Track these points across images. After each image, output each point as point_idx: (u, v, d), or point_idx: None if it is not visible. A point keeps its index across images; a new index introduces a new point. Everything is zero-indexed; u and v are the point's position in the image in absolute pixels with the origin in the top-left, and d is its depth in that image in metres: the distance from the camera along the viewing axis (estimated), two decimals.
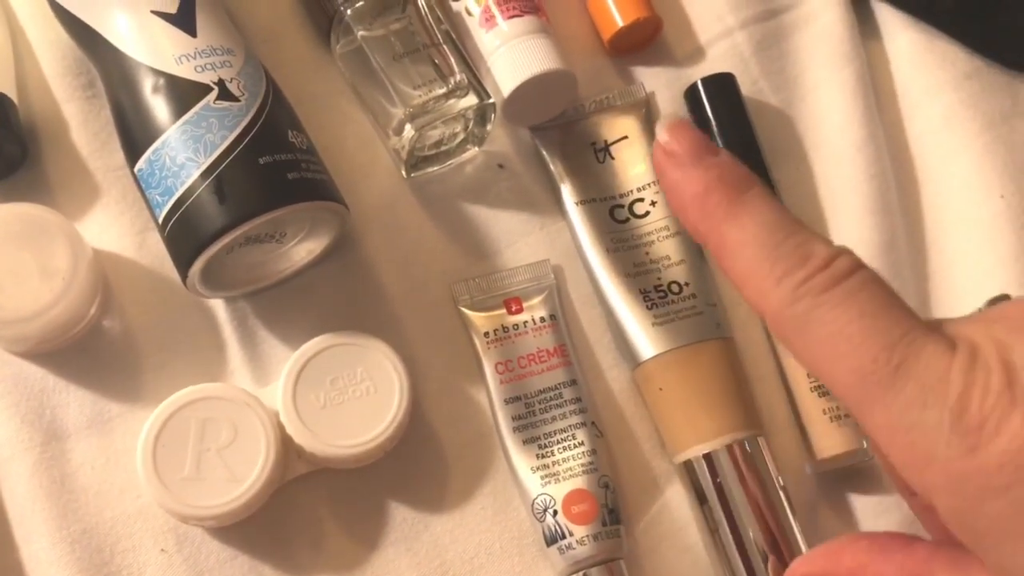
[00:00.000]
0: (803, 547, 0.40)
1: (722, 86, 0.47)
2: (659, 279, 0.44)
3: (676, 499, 0.42)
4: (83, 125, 0.44)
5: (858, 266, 0.27)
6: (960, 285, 0.46)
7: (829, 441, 0.42)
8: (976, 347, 0.26)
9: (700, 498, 0.41)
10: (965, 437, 0.25)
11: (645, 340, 0.43)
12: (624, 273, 0.44)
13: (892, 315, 0.26)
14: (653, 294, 0.43)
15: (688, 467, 0.41)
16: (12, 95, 0.43)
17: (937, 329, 0.27)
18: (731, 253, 0.28)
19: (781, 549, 0.40)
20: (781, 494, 0.41)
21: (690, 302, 0.43)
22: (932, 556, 0.28)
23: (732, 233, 0.28)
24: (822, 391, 0.42)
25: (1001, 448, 0.24)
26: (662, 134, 0.30)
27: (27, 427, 0.40)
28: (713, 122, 0.46)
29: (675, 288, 0.43)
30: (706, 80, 0.47)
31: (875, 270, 0.28)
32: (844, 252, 0.28)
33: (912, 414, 0.25)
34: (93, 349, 0.42)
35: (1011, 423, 0.24)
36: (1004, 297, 0.37)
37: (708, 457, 0.41)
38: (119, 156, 0.42)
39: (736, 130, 0.46)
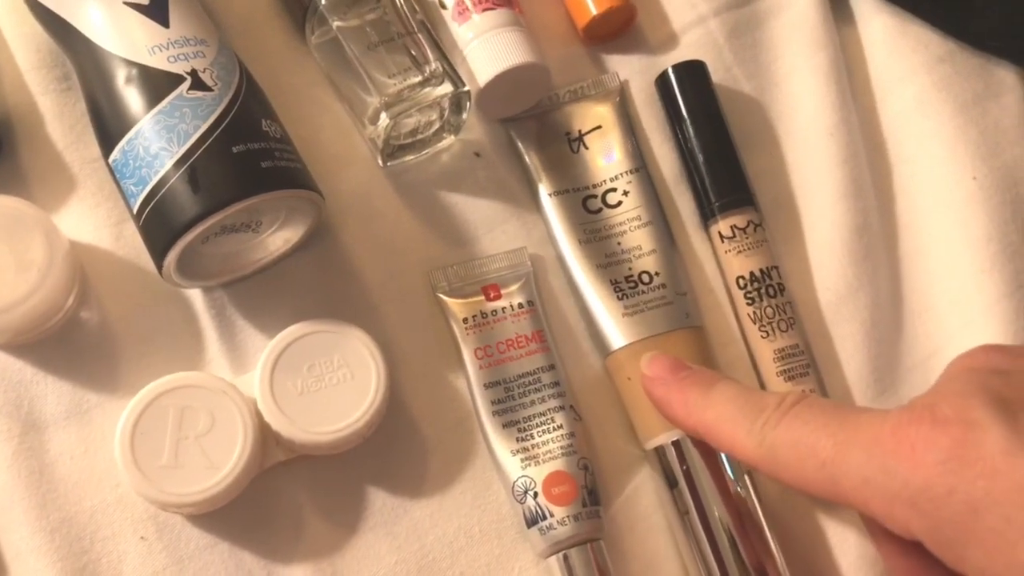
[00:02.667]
0: (767, 531, 0.41)
1: (692, 73, 0.47)
2: (630, 269, 0.44)
3: (651, 480, 0.43)
4: (58, 118, 0.44)
5: (801, 397, 0.35)
6: (933, 267, 0.46)
7: None
8: (913, 403, 0.32)
9: (670, 483, 0.41)
10: (904, 464, 0.30)
11: (616, 330, 0.43)
12: (596, 264, 0.44)
13: (833, 412, 0.34)
14: (624, 285, 0.44)
15: (659, 453, 0.42)
16: None
17: (876, 409, 0.33)
18: (713, 427, 0.37)
19: (747, 532, 0.40)
20: (747, 479, 0.41)
21: (660, 292, 0.44)
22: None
23: (709, 414, 0.37)
24: (788, 375, 0.43)
25: (934, 459, 0.30)
26: (644, 368, 0.40)
27: (5, 418, 0.41)
28: (683, 109, 0.46)
29: (645, 278, 0.44)
30: (676, 67, 0.47)
31: (820, 396, 0.37)
32: (791, 392, 0.36)
33: (864, 471, 0.31)
34: (70, 340, 0.42)
35: (937, 442, 0.30)
36: None
37: (677, 444, 0.41)
38: (95, 148, 0.42)
39: (706, 117, 0.46)
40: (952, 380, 0.32)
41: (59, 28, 0.41)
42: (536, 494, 0.41)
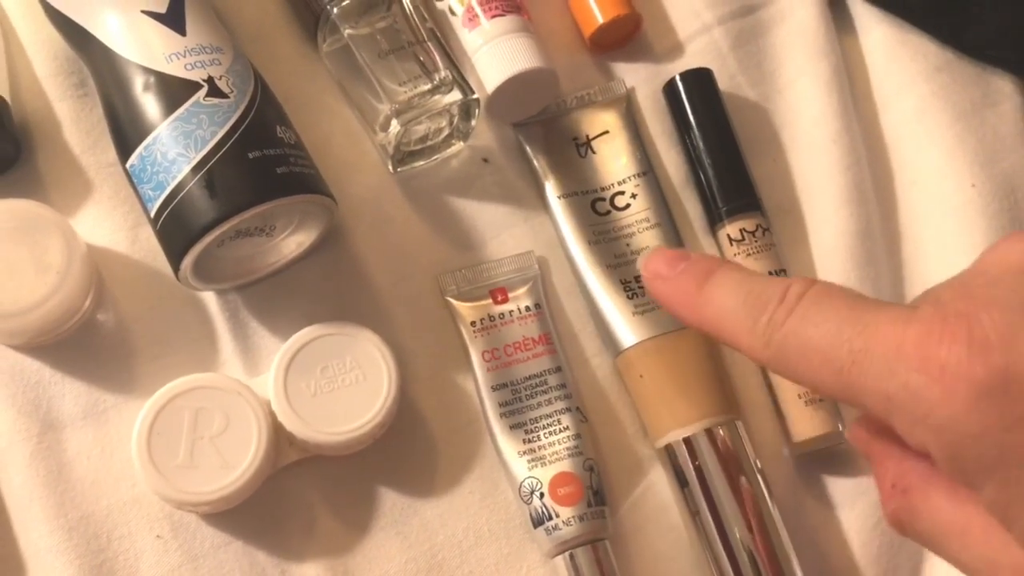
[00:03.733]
0: (781, 529, 0.41)
1: (700, 81, 0.48)
2: (639, 269, 0.45)
3: (659, 482, 0.44)
4: (75, 123, 0.45)
5: (807, 287, 0.31)
6: (933, 271, 0.47)
7: (805, 424, 0.43)
8: (938, 300, 0.28)
9: (681, 481, 0.42)
10: (933, 388, 0.27)
11: (626, 329, 0.44)
12: (605, 264, 0.45)
13: (846, 313, 0.29)
14: (633, 284, 0.44)
15: (669, 451, 0.42)
16: (5, 95, 0.44)
17: (894, 303, 0.29)
18: (715, 325, 0.33)
19: (759, 531, 0.41)
20: (759, 476, 0.42)
21: None
22: (931, 477, 0.30)
23: (708, 310, 0.34)
24: None
25: (967, 390, 0.26)
26: (641, 266, 0.37)
27: (24, 418, 0.41)
28: (691, 116, 0.47)
29: None
30: (684, 75, 0.48)
31: (829, 282, 0.31)
32: (795, 282, 0.31)
33: (884, 385, 0.28)
34: (87, 342, 0.43)
35: (974, 372, 0.26)
36: None
37: (688, 441, 0.42)
38: (111, 153, 0.42)
39: (713, 123, 0.47)
40: (993, 284, 0.28)
41: (77, 35, 0.42)
42: (542, 495, 0.41)
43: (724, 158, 0.47)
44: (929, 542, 0.31)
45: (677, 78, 0.48)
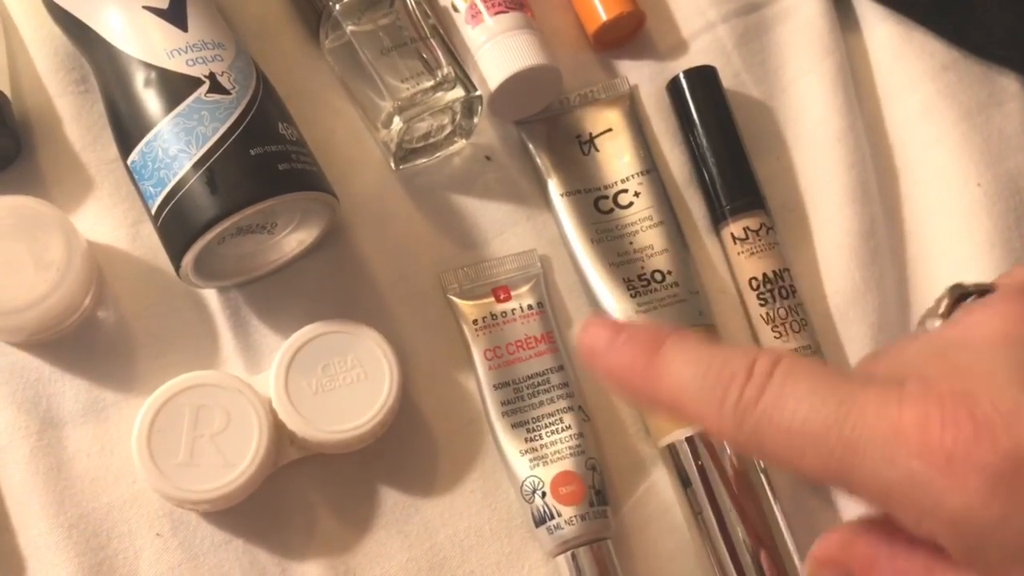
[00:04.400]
0: (784, 529, 0.41)
1: (704, 78, 0.48)
2: (642, 268, 0.45)
3: (662, 481, 0.43)
4: (76, 119, 0.45)
5: (775, 360, 0.27)
6: (938, 271, 0.47)
7: None
8: (926, 379, 0.26)
9: (684, 481, 0.42)
10: (941, 479, 0.24)
11: None
12: (608, 263, 0.45)
13: (827, 391, 0.26)
14: (637, 283, 0.44)
15: (671, 450, 0.42)
16: (6, 90, 0.44)
17: (875, 377, 0.27)
18: (673, 402, 0.29)
19: (762, 531, 0.41)
20: (762, 476, 0.42)
21: (673, 290, 0.44)
22: (932, 565, 0.27)
23: (664, 385, 0.29)
24: None
25: (978, 481, 0.24)
26: (577, 340, 0.32)
27: (24, 415, 0.41)
28: (695, 114, 0.47)
29: (658, 276, 0.44)
30: (688, 73, 0.47)
31: (796, 355, 0.28)
32: (760, 354, 0.28)
33: (884, 475, 0.25)
34: (88, 339, 0.43)
35: (984, 459, 0.24)
36: (959, 289, 0.30)
37: (691, 440, 0.42)
38: (112, 150, 0.42)
39: (717, 121, 0.47)
40: (983, 358, 0.26)
41: (78, 31, 0.42)
42: (544, 494, 0.41)
43: (728, 156, 0.47)
44: None
45: (681, 76, 0.47)
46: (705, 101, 0.47)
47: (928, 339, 0.28)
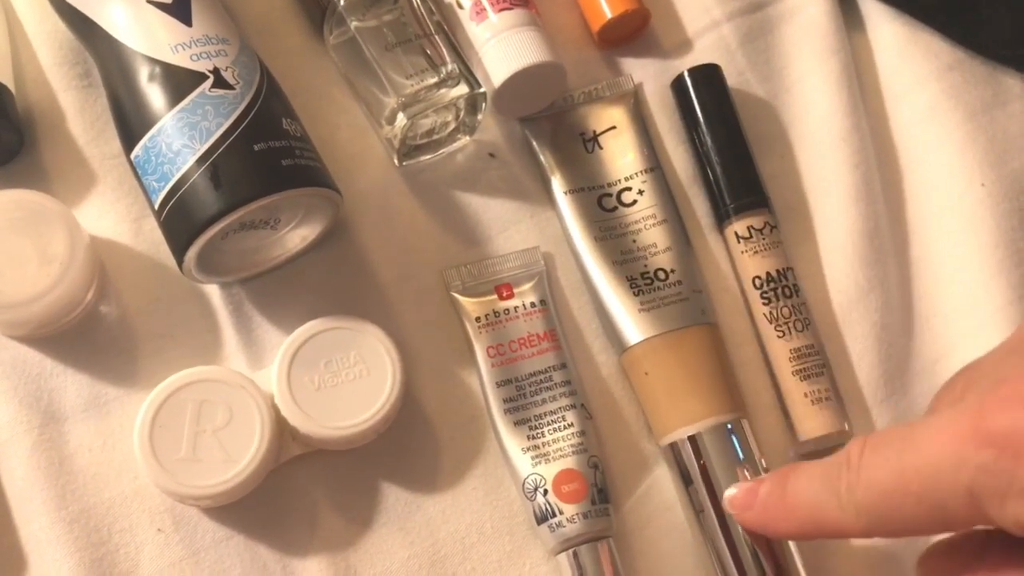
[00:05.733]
0: None
1: (708, 77, 0.47)
2: (646, 266, 0.44)
3: (663, 479, 0.43)
4: (79, 114, 0.45)
5: (864, 442, 0.32)
6: (942, 272, 0.47)
7: (811, 423, 0.43)
8: (978, 385, 0.31)
9: (685, 480, 0.42)
10: (1006, 458, 0.27)
11: (632, 326, 0.43)
12: (611, 261, 0.45)
13: (901, 443, 0.31)
14: (640, 281, 0.44)
15: (674, 449, 0.42)
16: (9, 84, 0.44)
17: (945, 410, 0.31)
18: (812, 521, 0.34)
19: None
20: (763, 475, 0.42)
21: (676, 288, 0.44)
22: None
23: (801, 511, 0.34)
24: (804, 375, 0.43)
25: None
26: (727, 507, 0.39)
27: (25, 409, 0.41)
28: (699, 112, 0.47)
29: (661, 275, 0.44)
30: (692, 71, 0.47)
31: (883, 430, 0.34)
32: (853, 443, 0.33)
33: (961, 481, 0.28)
34: (90, 334, 0.43)
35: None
36: None
37: (693, 439, 0.42)
38: (115, 144, 0.42)
39: (721, 120, 0.47)
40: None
41: (82, 25, 0.42)
42: (546, 491, 0.41)
43: (732, 155, 0.46)
44: None
45: (685, 74, 0.47)
46: (709, 100, 0.47)
47: (1004, 343, 0.33)
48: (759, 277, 0.45)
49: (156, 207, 0.40)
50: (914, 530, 0.31)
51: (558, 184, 0.46)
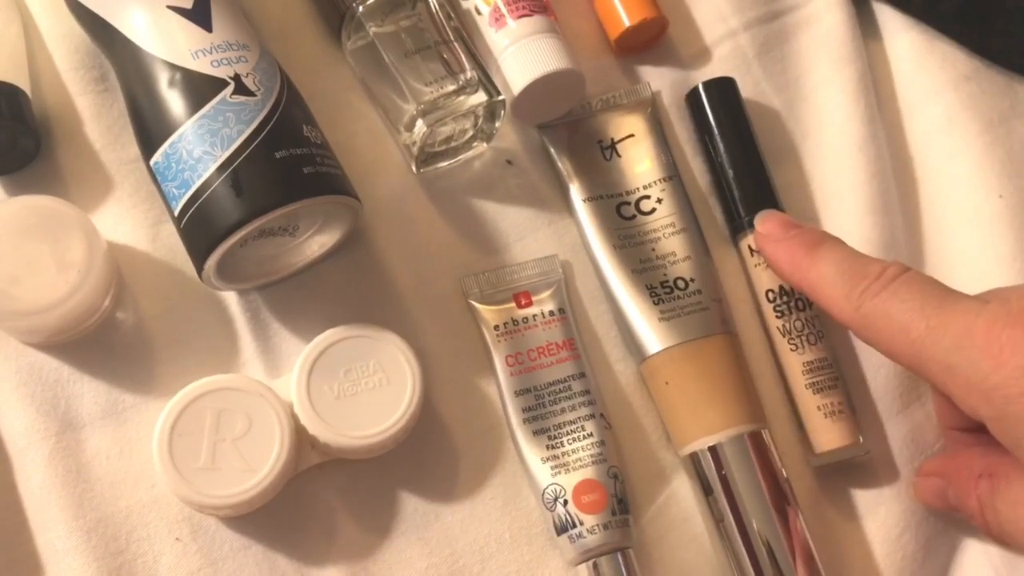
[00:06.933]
0: (808, 539, 0.41)
1: (722, 89, 0.47)
2: (665, 275, 0.44)
3: (682, 490, 0.43)
4: (96, 118, 0.45)
5: (904, 270, 0.37)
6: (958, 283, 0.46)
7: (825, 436, 0.43)
8: (1006, 299, 0.35)
9: (705, 490, 0.42)
10: (989, 361, 0.34)
11: (651, 335, 0.43)
12: (631, 269, 0.44)
13: (930, 297, 0.36)
14: (659, 290, 0.44)
15: (694, 459, 0.42)
16: (26, 89, 0.43)
17: (972, 297, 0.36)
18: (814, 288, 0.39)
19: (785, 541, 0.41)
20: (785, 486, 0.42)
21: (696, 298, 0.44)
22: (1014, 467, 0.36)
23: (812, 274, 0.39)
24: (816, 388, 0.43)
25: (1017, 363, 0.33)
26: (758, 224, 0.43)
27: (43, 417, 0.41)
28: (714, 125, 0.47)
29: (681, 284, 0.44)
30: (707, 84, 0.47)
31: (919, 272, 0.37)
32: (892, 264, 0.38)
33: (950, 358, 0.34)
34: (107, 341, 0.42)
35: (1020, 343, 0.33)
36: None
37: (713, 450, 0.42)
38: (132, 149, 0.42)
39: (736, 133, 0.47)
40: None
41: (101, 30, 0.42)
42: (566, 502, 0.41)
43: (746, 169, 0.46)
44: (1008, 523, 0.36)
45: (700, 87, 0.47)
46: (724, 113, 0.47)
47: None
48: (772, 290, 0.45)
49: (176, 214, 0.39)
50: (888, 352, 0.37)
51: (576, 192, 0.46)
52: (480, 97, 0.43)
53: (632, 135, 0.47)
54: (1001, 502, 0.36)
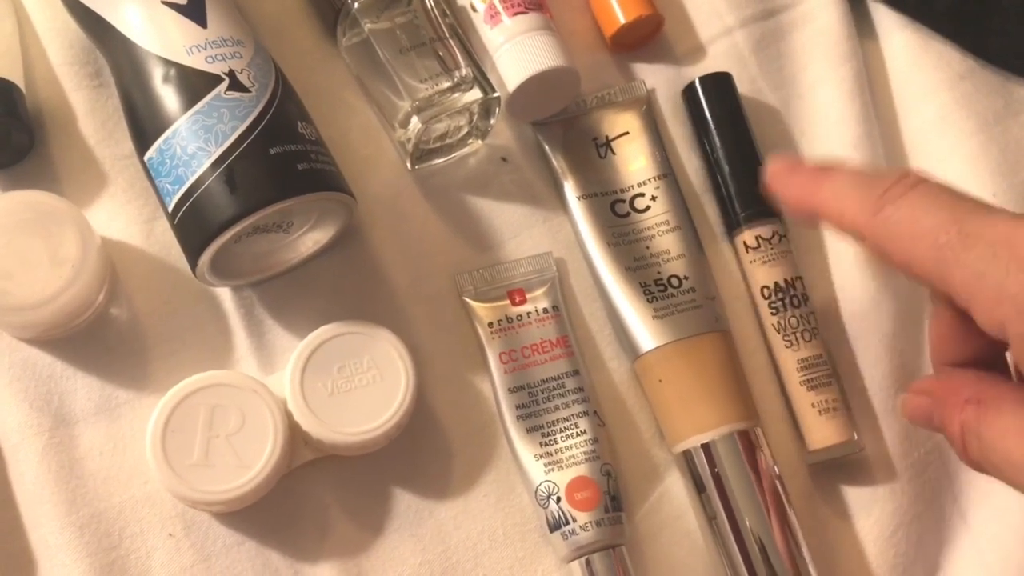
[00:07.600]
0: (800, 536, 0.41)
1: (719, 85, 0.47)
2: (659, 273, 0.44)
3: (675, 487, 0.43)
4: (90, 114, 0.45)
5: (925, 178, 0.33)
6: None
7: (819, 434, 0.43)
8: None
9: (698, 487, 0.42)
10: None
11: (645, 332, 0.43)
12: (624, 267, 0.45)
13: (959, 200, 0.32)
14: (653, 287, 0.44)
15: (687, 457, 0.42)
16: (20, 84, 0.43)
17: (1004, 210, 0.32)
18: (827, 205, 0.35)
19: (777, 538, 0.41)
20: (777, 484, 0.42)
21: (689, 295, 0.44)
22: (1005, 391, 0.33)
23: (825, 191, 0.35)
24: (811, 385, 0.43)
25: None
26: (772, 164, 0.38)
27: (36, 413, 0.41)
28: (710, 121, 0.47)
29: (675, 282, 0.44)
30: (703, 79, 0.47)
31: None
32: (913, 171, 0.33)
33: (982, 265, 0.30)
34: (100, 336, 0.42)
35: None
36: None
37: (706, 447, 0.42)
38: (126, 145, 0.42)
39: (732, 129, 0.47)
40: None
41: (96, 25, 0.41)
42: (559, 499, 0.41)
43: (742, 165, 0.46)
44: (993, 453, 0.33)
45: (696, 82, 0.47)
46: (720, 108, 0.47)
47: None
48: (767, 287, 0.45)
49: (170, 210, 0.39)
50: (906, 262, 0.32)
51: (571, 189, 0.46)
52: (475, 94, 0.43)
53: (627, 133, 0.47)
54: (987, 429, 0.34)
